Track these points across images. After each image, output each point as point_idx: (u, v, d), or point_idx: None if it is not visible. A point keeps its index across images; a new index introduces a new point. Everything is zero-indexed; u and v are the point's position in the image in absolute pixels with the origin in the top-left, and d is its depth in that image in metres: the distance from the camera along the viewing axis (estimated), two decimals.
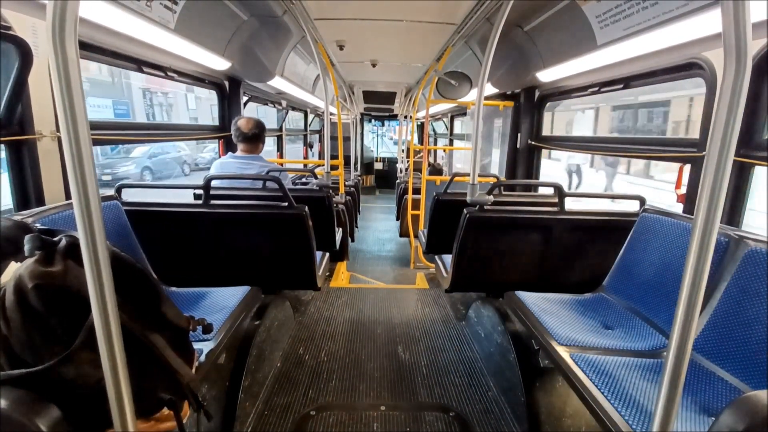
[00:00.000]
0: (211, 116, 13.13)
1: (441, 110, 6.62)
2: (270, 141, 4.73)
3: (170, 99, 18.96)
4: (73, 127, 0.59)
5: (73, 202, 0.60)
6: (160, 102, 18.61)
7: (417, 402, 1.94)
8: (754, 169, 1.56)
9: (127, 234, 1.78)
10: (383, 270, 4.04)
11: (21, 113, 1.44)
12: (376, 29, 2.91)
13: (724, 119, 0.66)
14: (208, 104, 15.81)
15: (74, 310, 0.73)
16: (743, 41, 0.65)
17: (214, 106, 3.31)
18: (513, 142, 3.43)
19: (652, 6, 1.62)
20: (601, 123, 13.22)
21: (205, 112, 17.93)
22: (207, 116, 17.64)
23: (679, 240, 1.60)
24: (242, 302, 1.76)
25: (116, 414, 0.67)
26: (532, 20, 2.46)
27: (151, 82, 16.24)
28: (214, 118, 3.31)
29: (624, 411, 1.15)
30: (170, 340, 0.89)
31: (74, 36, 0.57)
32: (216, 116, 3.29)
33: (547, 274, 2.11)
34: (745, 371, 1.24)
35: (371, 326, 2.69)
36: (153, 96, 17.94)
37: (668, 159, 1.95)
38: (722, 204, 0.68)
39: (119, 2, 1.55)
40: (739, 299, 1.30)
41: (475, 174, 1.94)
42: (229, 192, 2.27)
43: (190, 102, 19.26)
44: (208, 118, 15.67)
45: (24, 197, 1.51)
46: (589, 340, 1.53)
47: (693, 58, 1.72)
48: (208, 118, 13.85)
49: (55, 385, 0.71)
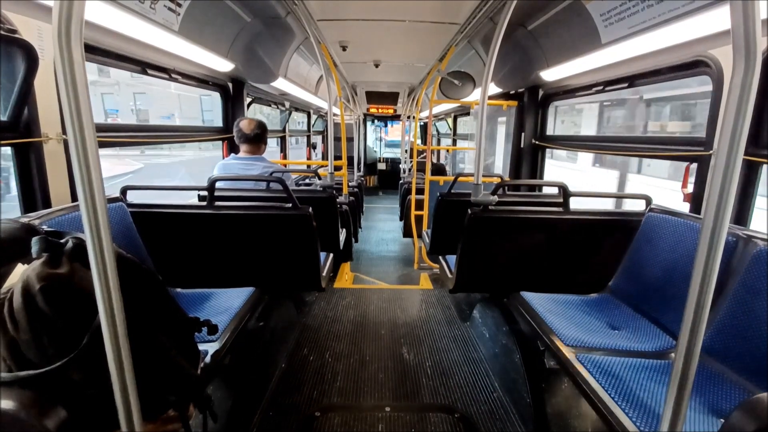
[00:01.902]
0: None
1: (444, 110, 6.61)
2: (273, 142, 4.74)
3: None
4: (79, 130, 0.59)
5: (80, 204, 0.61)
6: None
7: (422, 403, 1.94)
8: (762, 168, 1.54)
9: (132, 235, 1.79)
10: (387, 270, 4.04)
11: (27, 116, 1.45)
12: (379, 30, 2.91)
13: (733, 117, 0.65)
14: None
15: (81, 312, 0.73)
16: (753, 38, 0.64)
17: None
18: (517, 141, 3.41)
19: (657, 3, 1.61)
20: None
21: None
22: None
23: (686, 239, 1.59)
24: (247, 303, 1.76)
25: (123, 415, 0.67)
26: (536, 19, 2.45)
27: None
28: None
29: (631, 412, 1.14)
30: (176, 342, 0.89)
31: (80, 39, 0.57)
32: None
33: (553, 275, 2.10)
34: (754, 372, 1.23)
35: (375, 327, 2.68)
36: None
37: (674, 158, 1.93)
38: (732, 203, 0.67)
39: (124, 5, 1.56)
40: (748, 299, 1.28)
41: (479, 174, 1.94)
42: (233, 193, 2.27)
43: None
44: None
45: (31, 199, 1.52)
46: (596, 340, 1.52)
47: (699, 56, 1.71)
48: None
49: (62, 387, 0.71)
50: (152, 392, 0.80)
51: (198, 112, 19.73)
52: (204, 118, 19.61)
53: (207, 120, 18.97)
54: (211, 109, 18.79)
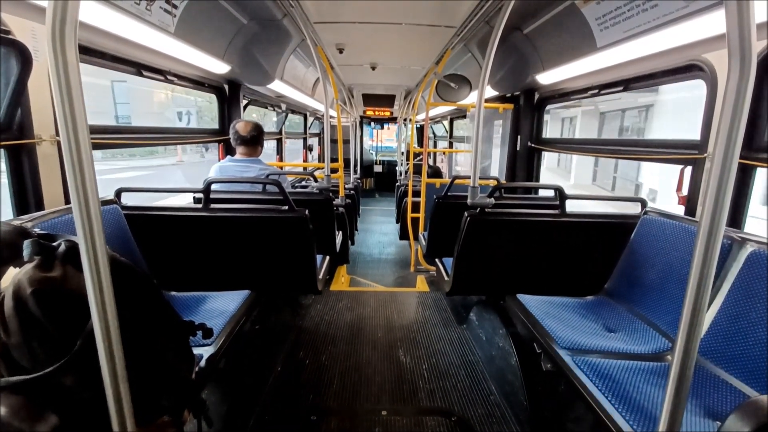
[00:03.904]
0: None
1: (440, 113, 6.63)
2: (269, 144, 4.73)
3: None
4: (73, 131, 0.58)
5: (73, 206, 0.60)
6: None
7: (418, 406, 1.93)
8: (756, 171, 1.55)
9: (126, 238, 1.78)
10: (383, 273, 4.03)
11: (21, 117, 1.43)
12: (375, 32, 2.91)
13: (728, 121, 0.66)
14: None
15: (73, 316, 0.72)
16: (747, 42, 0.64)
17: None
18: (513, 144, 3.43)
19: (652, 8, 1.62)
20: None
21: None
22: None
23: (681, 242, 1.60)
24: (242, 306, 1.75)
25: (116, 421, 0.66)
26: (532, 23, 2.46)
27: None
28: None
29: (627, 414, 1.14)
30: (170, 346, 0.88)
31: (74, 40, 0.57)
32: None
33: (549, 277, 2.11)
34: (750, 375, 1.23)
35: (372, 330, 2.68)
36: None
37: (669, 161, 1.94)
38: (727, 206, 0.67)
39: (119, 6, 1.55)
40: (743, 301, 1.29)
41: (475, 176, 1.94)
42: (228, 195, 2.26)
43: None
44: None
45: (23, 202, 1.50)
46: (592, 343, 1.52)
47: (693, 60, 1.72)
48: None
49: (54, 392, 0.70)
50: (146, 397, 0.79)
51: (109, 105, 14.10)
52: (118, 114, 14.26)
53: (122, 116, 14.22)
54: (127, 102, 14.64)
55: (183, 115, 16.08)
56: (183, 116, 16.07)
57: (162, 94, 17.15)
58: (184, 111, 16.23)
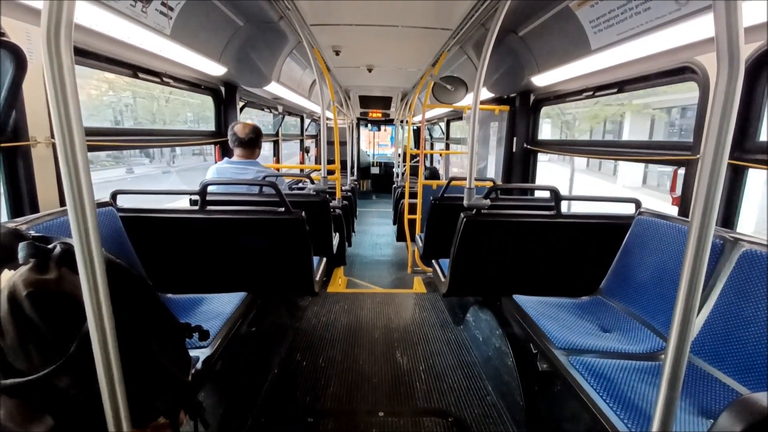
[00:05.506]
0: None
1: (437, 114, 6.65)
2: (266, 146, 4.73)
3: None
4: (68, 133, 0.58)
5: (68, 208, 0.60)
6: None
7: (415, 407, 1.93)
8: (747, 172, 1.57)
9: (122, 240, 1.77)
10: (380, 274, 4.03)
11: (15, 119, 1.43)
12: (371, 34, 2.92)
13: (718, 122, 0.67)
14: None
15: (69, 318, 0.72)
16: (736, 44, 0.66)
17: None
18: (509, 146, 3.44)
19: (645, 11, 1.64)
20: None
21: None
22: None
23: (674, 242, 1.61)
24: (239, 308, 1.75)
25: (111, 423, 0.66)
26: (527, 25, 2.48)
27: None
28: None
29: (622, 414, 1.15)
30: (166, 348, 0.88)
31: (69, 42, 0.57)
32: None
33: (545, 278, 2.12)
34: (743, 373, 1.24)
35: (369, 331, 2.67)
36: None
37: (663, 162, 1.96)
38: (717, 206, 0.69)
39: (114, 8, 1.55)
40: (735, 301, 1.30)
41: (471, 178, 1.95)
42: (225, 197, 2.26)
43: None
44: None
45: (18, 204, 1.50)
46: (587, 343, 1.53)
47: (686, 63, 1.74)
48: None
49: (49, 395, 0.70)
50: (142, 399, 0.79)
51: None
52: None
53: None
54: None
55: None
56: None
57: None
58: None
